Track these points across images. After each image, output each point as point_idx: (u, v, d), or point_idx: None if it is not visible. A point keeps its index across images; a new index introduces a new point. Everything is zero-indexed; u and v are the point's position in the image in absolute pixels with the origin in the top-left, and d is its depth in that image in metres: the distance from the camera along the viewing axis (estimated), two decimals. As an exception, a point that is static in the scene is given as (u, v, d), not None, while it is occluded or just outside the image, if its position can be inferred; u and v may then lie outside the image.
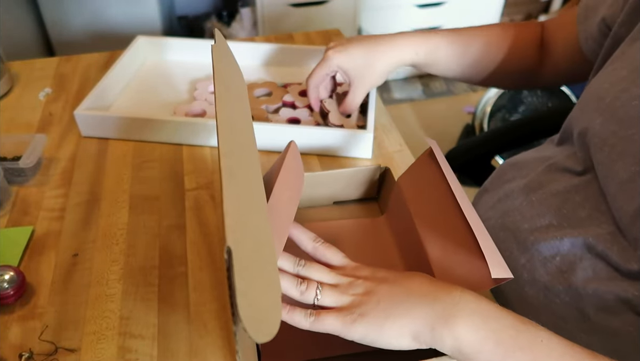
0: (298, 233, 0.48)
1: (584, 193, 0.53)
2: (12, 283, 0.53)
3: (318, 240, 0.47)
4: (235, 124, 0.41)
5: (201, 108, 0.80)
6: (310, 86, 0.74)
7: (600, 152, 0.50)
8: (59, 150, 0.74)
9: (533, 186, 0.58)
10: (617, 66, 0.52)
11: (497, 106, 1.76)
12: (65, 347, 0.50)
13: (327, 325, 0.41)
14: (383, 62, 0.69)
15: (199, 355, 0.50)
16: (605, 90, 0.51)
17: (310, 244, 0.47)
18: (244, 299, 0.30)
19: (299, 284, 0.42)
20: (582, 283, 0.50)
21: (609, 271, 0.49)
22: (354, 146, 0.72)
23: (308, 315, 0.41)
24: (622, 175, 0.48)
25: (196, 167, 0.71)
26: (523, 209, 0.58)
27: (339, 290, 0.43)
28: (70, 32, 1.82)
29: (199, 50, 0.93)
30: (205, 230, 0.62)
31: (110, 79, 0.82)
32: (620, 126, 0.48)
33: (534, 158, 0.63)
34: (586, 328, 0.50)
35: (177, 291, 0.55)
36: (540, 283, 0.54)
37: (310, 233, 0.48)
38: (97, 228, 0.62)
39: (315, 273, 0.44)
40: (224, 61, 0.47)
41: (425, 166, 0.54)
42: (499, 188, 0.65)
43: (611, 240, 0.49)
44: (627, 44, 0.52)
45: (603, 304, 0.49)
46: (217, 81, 0.42)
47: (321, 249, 0.47)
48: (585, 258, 0.51)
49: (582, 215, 0.52)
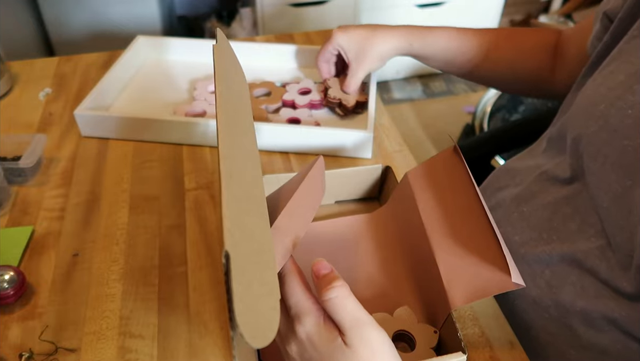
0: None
1: (574, 204, 0.52)
2: (12, 283, 0.53)
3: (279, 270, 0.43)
4: (235, 125, 0.41)
5: (201, 108, 0.80)
6: (319, 61, 0.82)
7: (594, 161, 0.49)
8: (59, 150, 0.74)
9: (524, 196, 0.58)
10: (613, 68, 0.51)
11: (497, 106, 1.76)
12: (65, 347, 0.50)
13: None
14: (378, 48, 0.74)
15: (199, 355, 0.50)
16: (601, 95, 0.50)
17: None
18: (241, 304, 0.29)
19: None
20: (571, 299, 0.50)
21: (597, 288, 0.48)
22: (354, 146, 0.72)
23: None
24: (616, 188, 0.46)
25: (196, 167, 0.71)
26: (514, 220, 0.57)
27: (281, 339, 0.41)
28: (70, 32, 1.82)
29: (199, 50, 0.93)
30: (205, 230, 0.62)
31: (110, 79, 0.82)
32: (614, 135, 0.47)
33: (526, 166, 0.62)
34: (575, 344, 0.50)
35: (177, 291, 0.55)
36: (530, 298, 0.53)
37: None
38: (97, 228, 0.62)
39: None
40: (226, 60, 0.47)
41: (444, 164, 0.53)
42: (492, 195, 0.64)
43: (600, 256, 0.48)
44: (625, 41, 0.51)
45: (591, 322, 0.48)
46: (218, 81, 0.42)
47: (281, 279, 0.41)
48: (573, 274, 0.50)
49: (572, 228, 0.51)
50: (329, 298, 0.38)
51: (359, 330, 0.37)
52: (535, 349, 0.52)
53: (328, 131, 0.72)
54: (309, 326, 0.38)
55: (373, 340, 0.37)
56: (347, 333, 0.37)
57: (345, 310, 0.38)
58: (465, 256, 0.46)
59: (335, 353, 0.37)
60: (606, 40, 0.55)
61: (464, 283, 0.45)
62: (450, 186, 0.52)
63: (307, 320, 0.38)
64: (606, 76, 0.51)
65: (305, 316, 0.38)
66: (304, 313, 0.39)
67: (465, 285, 0.45)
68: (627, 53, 0.50)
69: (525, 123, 1.03)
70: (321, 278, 0.39)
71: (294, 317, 0.39)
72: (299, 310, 0.39)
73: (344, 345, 0.37)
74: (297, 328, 0.38)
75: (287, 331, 0.39)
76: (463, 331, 0.51)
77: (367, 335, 0.37)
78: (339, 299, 0.38)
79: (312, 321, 0.38)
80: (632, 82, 0.47)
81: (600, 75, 0.52)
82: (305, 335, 0.38)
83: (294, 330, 0.39)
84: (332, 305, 0.38)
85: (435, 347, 0.47)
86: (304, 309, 0.39)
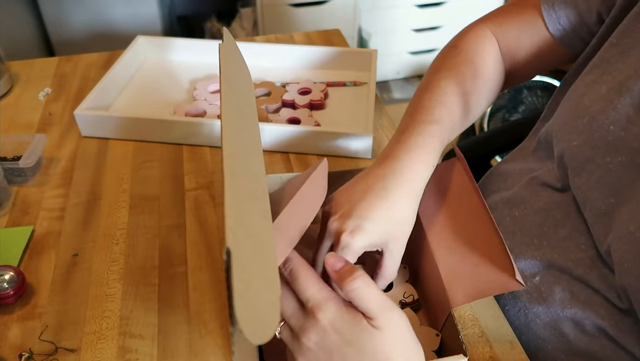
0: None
1: (565, 210, 0.52)
2: (12, 283, 0.53)
3: (288, 266, 0.42)
4: (239, 124, 0.41)
5: (201, 108, 0.80)
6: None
7: (579, 177, 0.49)
8: (59, 150, 0.74)
9: (516, 200, 0.57)
10: (596, 77, 0.50)
11: (497, 106, 1.76)
12: (65, 347, 0.50)
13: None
14: (408, 207, 0.48)
15: (199, 355, 0.50)
16: (584, 108, 0.49)
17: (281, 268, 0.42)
18: (241, 300, 0.29)
19: None
20: (561, 305, 0.50)
21: (588, 295, 0.48)
22: (354, 146, 0.72)
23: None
24: (599, 205, 0.46)
25: (196, 167, 0.71)
26: (506, 224, 0.57)
27: (293, 335, 0.41)
28: (70, 32, 1.82)
29: (199, 50, 0.93)
30: (205, 230, 0.62)
31: (110, 79, 0.82)
32: (596, 151, 0.47)
33: (517, 170, 0.62)
34: (566, 349, 0.50)
35: (177, 290, 0.55)
36: (521, 303, 0.53)
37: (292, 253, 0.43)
38: (97, 228, 0.62)
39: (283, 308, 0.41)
40: (232, 60, 0.47)
41: (448, 169, 0.54)
42: (485, 198, 0.64)
43: (590, 265, 0.48)
44: (605, 49, 0.51)
45: (581, 328, 0.48)
46: (224, 80, 0.42)
47: (293, 274, 0.41)
48: (563, 279, 0.50)
49: (562, 234, 0.51)
50: (353, 289, 0.39)
51: (387, 314, 0.39)
52: (526, 354, 0.52)
53: (328, 131, 0.72)
54: (331, 312, 0.39)
55: (399, 322, 0.39)
56: (377, 317, 0.38)
57: (371, 296, 0.39)
58: (466, 256, 0.46)
59: (361, 335, 0.38)
60: (594, 43, 0.54)
61: (464, 282, 0.45)
62: (451, 188, 0.52)
63: (328, 306, 0.39)
64: (588, 86, 0.50)
65: (326, 303, 0.39)
66: (324, 300, 0.39)
67: (466, 285, 0.45)
68: (607, 62, 0.50)
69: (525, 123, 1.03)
70: (339, 271, 0.40)
71: (313, 307, 0.39)
72: (318, 299, 0.40)
73: (370, 326, 0.39)
74: (318, 315, 0.39)
75: (304, 323, 0.40)
76: (463, 332, 0.51)
77: (394, 318, 0.39)
78: (363, 288, 0.39)
79: (334, 307, 0.39)
80: (613, 97, 0.47)
81: (582, 83, 0.52)
82: (328, 321, 0.39)
83: (314, 318, 0.39)
84: (358, 294, 0.39)
85: (437, 349, 0.47)
86: (324, 297, 0.40)
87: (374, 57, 0.88)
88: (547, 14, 0.57)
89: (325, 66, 0.91)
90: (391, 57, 2.21)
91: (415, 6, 2.07)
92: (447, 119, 0.52)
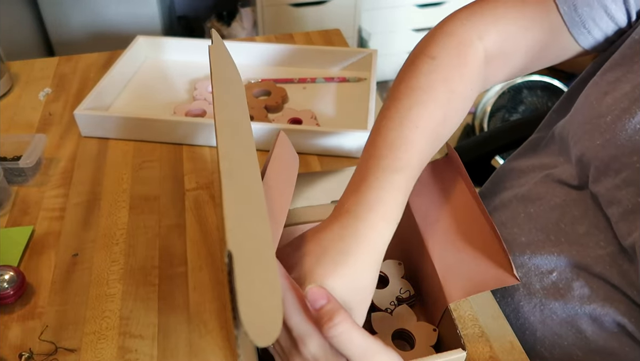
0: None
1: (583, 207, 0.52)
2: (12, 283, 0.53)
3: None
4: (233, 125, 0.41)
5: (201, 108, 0.80)
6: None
7: (604, 175, 0.48)
8: (59, 150, 0.74)
9: (531, 197, 0.57)
10: (619, 76, 0.49)
11: (497, 106, 1.76)
12: (65, 347, 0.50)
13: None
14: (369, 275, 0.42)
15: (199, 355, 0.50)
16: (607, 106, 0.48)
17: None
18: (245, 303, 0.29)
19: None
20: (579, 301, 0.49)
21: (607, 290, 0.48)
22: (354, 146, 0.72)
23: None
24: (625, 203, 0.46)
25: (196, 167, 0.71)
26: (520, 221, 0.56)
27: (283, 354, 0.40)
28: (70, 32, 1.83)
29: (199, 50, 0.93)
30: (205, 230, 0.62)
31: (110, 79, 0.82)
32: (622, 150, 0.46)
33: (530, 166, 0.61)
34: (583, 346, 0.49)
35: (177, 291, 0.55)
36: (536, 298, 0.53)
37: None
38: (97, 228, 0.62)
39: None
40: (222, 61, 0.47)
41: (442, 166, 0.54)
42: (496, 195, 0.63)
43: (610, 262, 0.48)
44: (628, 46, 0.50)
45: (600, 324, 0.48)
46: (215, 82, 0.42)
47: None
48: (582, 276, 0.50)
49: (580, 231, 0.51)
50: (334, 335, 0.36)
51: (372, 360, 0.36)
52: (541, 350, 0.52)
53: (328, 131, 0.72)
54: (313, 348, 0.37)
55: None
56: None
57: (353, 343, 0.36)
58: (462, 251, 0.47)
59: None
60: (614, 40, 0.52)
61: (460, 277, 0.45)
62: (445, 185, 0.52)
63: (311, 342, 0.37)
64: (611, 84, 0.49)
65: (308, 339, 0.37)
66: (306, 335, 0.37)
67: (462, 280, 0.45)
68: (630, 59, 0.49)
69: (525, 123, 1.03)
70: (320, 311, 0.37)
71: (296, 338, 0.37)
72: (301, 332, 0.37)
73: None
74: (301, 349, 0.37)
75: (291, 348, 0.38)
76: (463, 331, 0.51)
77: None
78: (344, 335, 0.36)
79: (317, 343, 0.37)
80: (638, 95, 0.46)
81: (603, 81, 0.51)
82: (312, 356, 0.37)
83: (297, 349, 0.37)
84: (338, 342, 0.36)
85: (435, 345, 0.48)
86: (306, 331, 0.37)
87: (374, 57, 0.88)
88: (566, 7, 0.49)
89: (326, 65, 0.91)
90: (391, 57, 2.21)
91: (415, 6, 2.07)
92: (415, 163, 0.44)
